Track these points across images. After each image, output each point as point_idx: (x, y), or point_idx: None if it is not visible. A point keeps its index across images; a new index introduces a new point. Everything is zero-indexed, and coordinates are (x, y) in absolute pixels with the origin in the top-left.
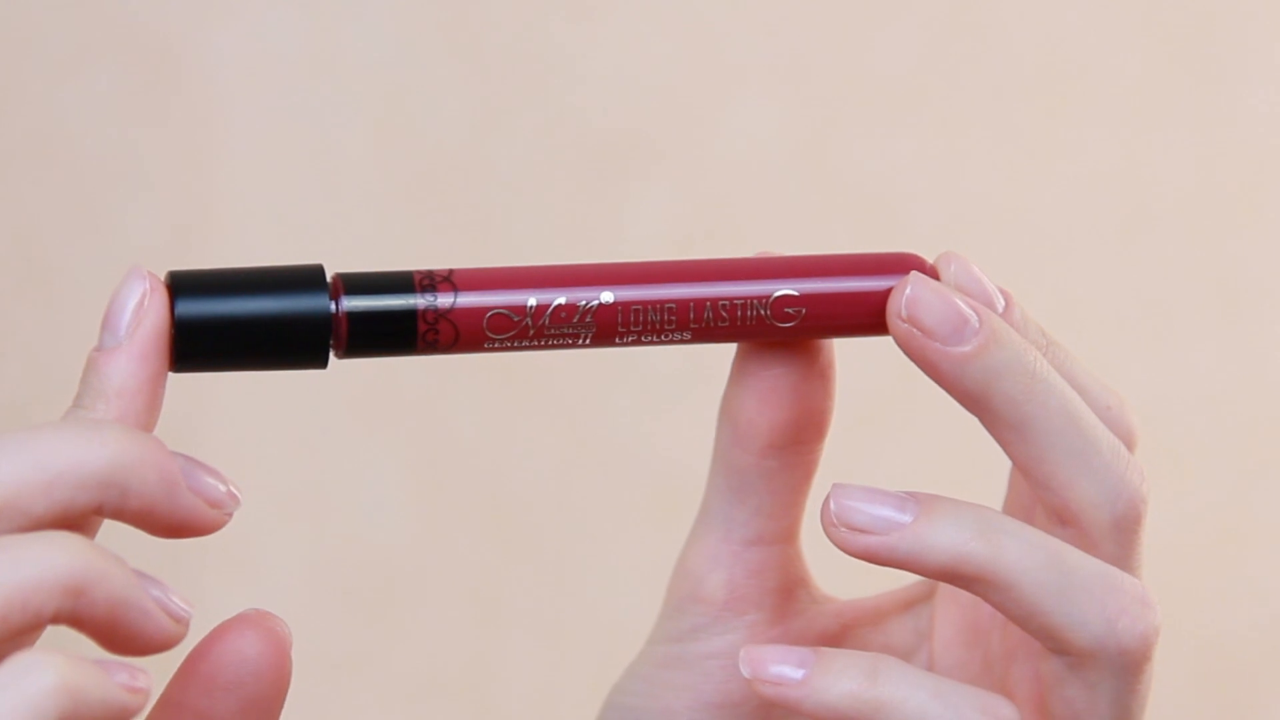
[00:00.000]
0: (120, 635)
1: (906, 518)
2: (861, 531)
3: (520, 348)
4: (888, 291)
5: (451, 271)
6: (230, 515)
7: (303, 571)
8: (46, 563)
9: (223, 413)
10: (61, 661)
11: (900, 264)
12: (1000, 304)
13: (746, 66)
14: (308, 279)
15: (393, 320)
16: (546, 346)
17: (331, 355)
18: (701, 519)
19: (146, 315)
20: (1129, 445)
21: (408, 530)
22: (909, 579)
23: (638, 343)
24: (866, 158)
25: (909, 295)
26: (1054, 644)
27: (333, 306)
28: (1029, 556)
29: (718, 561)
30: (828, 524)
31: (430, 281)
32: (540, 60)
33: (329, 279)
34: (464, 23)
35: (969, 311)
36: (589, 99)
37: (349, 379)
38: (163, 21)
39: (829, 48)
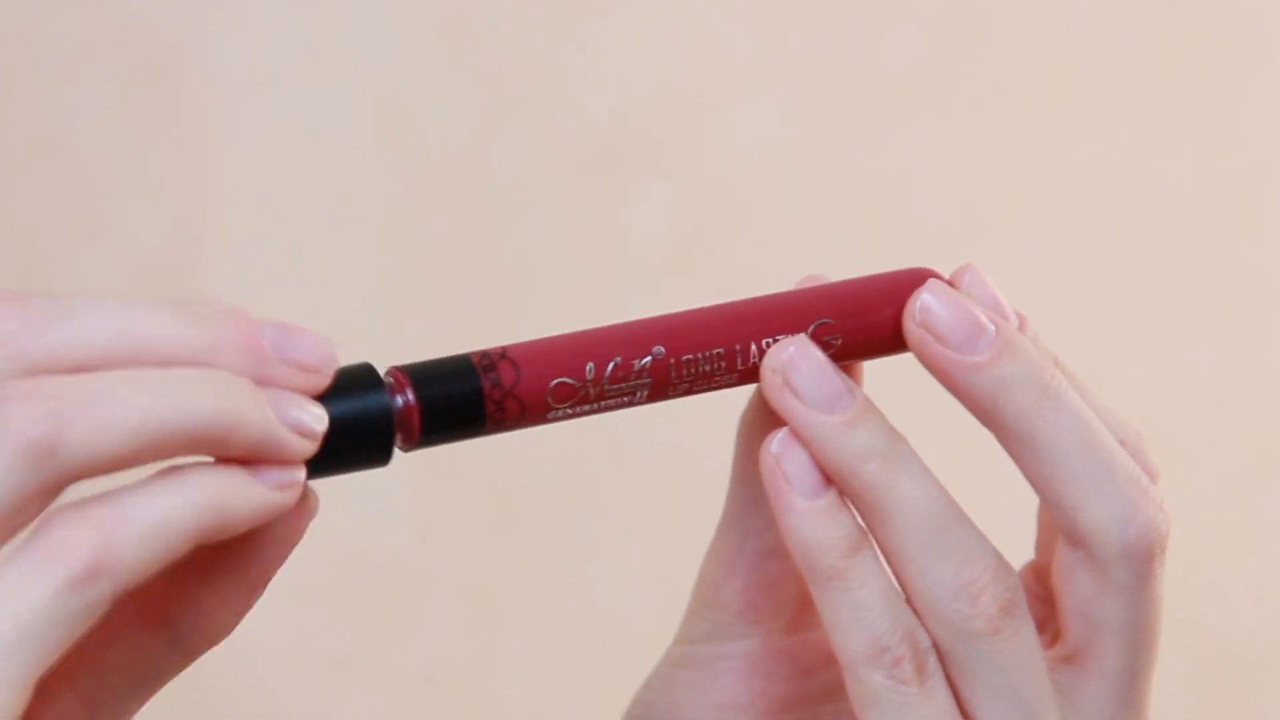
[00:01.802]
0: (256, 463)
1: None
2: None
3: (582, 413)
4: None
5: (505, 350)
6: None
7: (303, 571)
8: (191, 402)
9: None
10: (211, 473)
11: (919, 279)
12: (1014, 322)
13: (747, 67)
14: (363, 380)
15: (462, 408)
16: (605, 408)
17: (397, 450)
18: (721, 526)
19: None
20: (1151, 478)
21: (408, 530)
22: None
23: (690, 391)
24: (867, 157)
25: (924, 302)
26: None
27: (399, 401)
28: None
29: (734, 570)
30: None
31: (489, 362)
32: (540, 60)
33: (384, 375)
34: (464, 23)
35: (986, 321)
36: (589, 99)
37: None
38: (163, 22)
39: (830, 48)
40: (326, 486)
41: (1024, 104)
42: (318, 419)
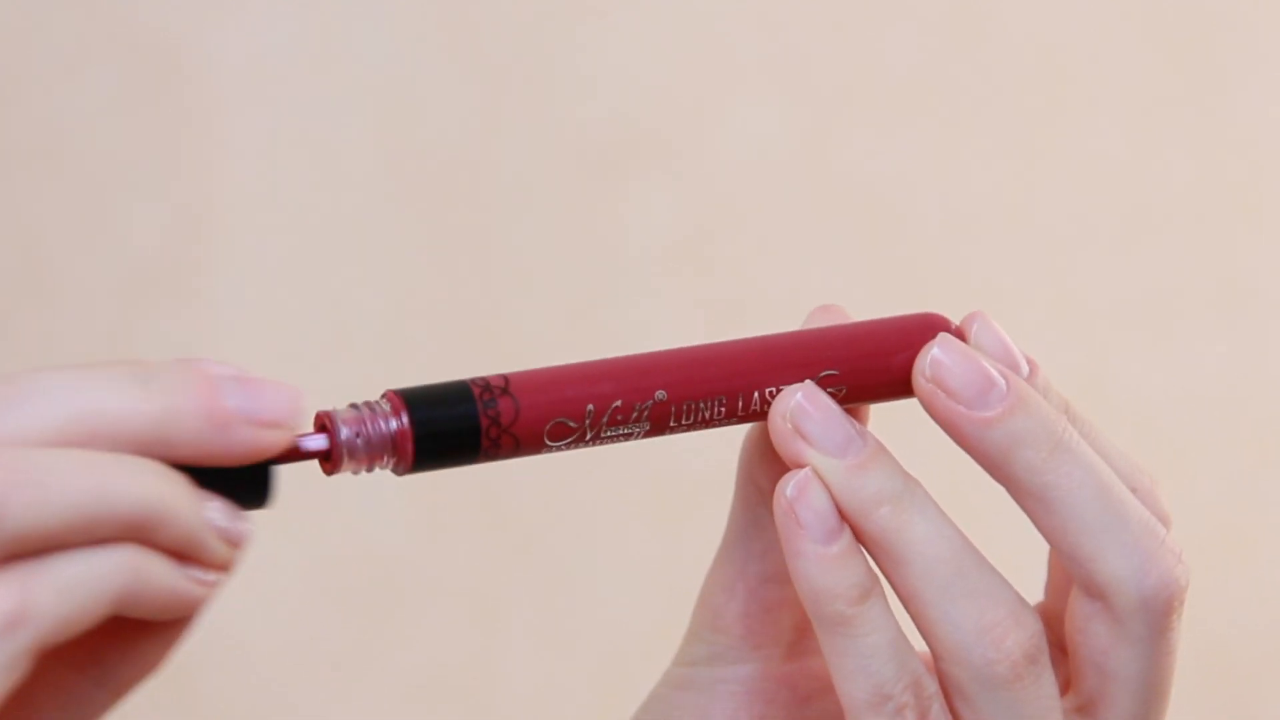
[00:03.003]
0: (181, 559)
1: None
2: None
3: (574, 449)
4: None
5: (508, 381)
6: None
7: (303, 572)
8: (123, 489)
9: None
10: (134, 550)
11: (927, 325)
12: (1025, 370)
13: (748, 66)
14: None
15: (456, 440)
16: (600, 444)
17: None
18: (722, 549)
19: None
20: (1164, 525)
21: (408, 530)
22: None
23: (687, 430)
24: (867, 157)
25: (933, 357)
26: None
27: (393, 425)
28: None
29: (734, 593)
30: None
31: (490, 396)
32: (541, 60)
33: (380, 397)
34: (464, 23)
35: (996, 376)
36: (590, 99)
37: (349, 379)
38: (164, 22)
39: (830, 48)
40: (326, 487)
41: (1024, 104)
42: (242, 532)
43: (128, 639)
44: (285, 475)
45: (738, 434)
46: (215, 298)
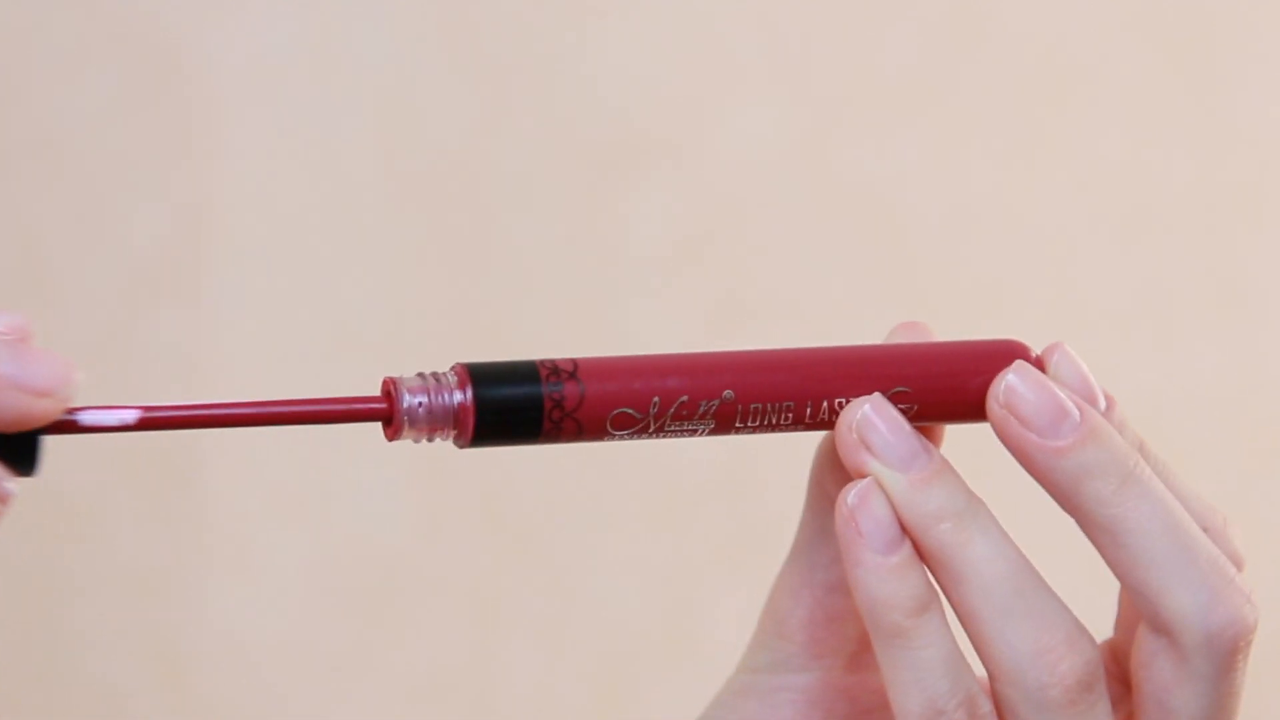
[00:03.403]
0: None
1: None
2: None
3: (635, 440)
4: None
5: (576, 366)
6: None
7: (303, 571)
8: None
9: None
10: None
11: (1006, 352)
12: (1102, 404)
13: (748, 67)
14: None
15: (519, 420)
16: (661, 437)
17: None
18: (790, 556)
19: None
20: (1236, 566)
21: (408, 530)
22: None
23: (752, 432)
24: (868, 158)
25: (1008, 383)
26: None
27: (456, 398)
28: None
29: (799, 601)
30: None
31: (556, 379)
32: (541, 60)
33: (449, 369)
34: (464, 23)
35: (1070, 406)
36: (590, 99)
37: (349, 379)
38: (163, 22)
39: (830, 48)
40: (326, 487)
41: (1024, 104)
42: (6, 492)
43: None
44: (285, 475)
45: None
46: (215, 298)
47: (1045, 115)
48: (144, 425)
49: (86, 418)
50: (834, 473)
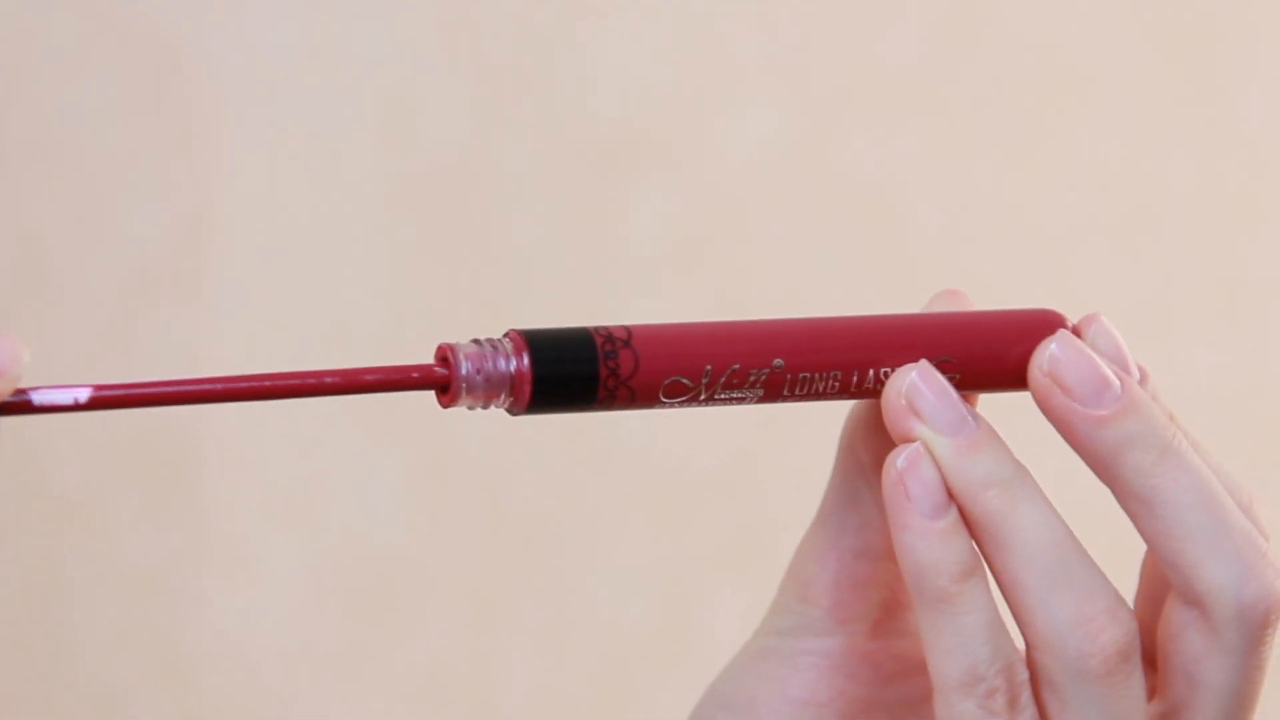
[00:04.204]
0: None
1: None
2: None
3: (686, 408)
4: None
5: (630, 333)
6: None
7: (303, 571)
8: None
9: (224, 413)
10: None
11: (1045, 322)
12: (1136, 376)
13: (748, 66)
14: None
15: (574, 388)
16: (710, 407)
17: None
18: (817, 520)
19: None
20: (1265, 539)
21: (408, 530)
22: None
23: (796, 400)
24: (867, 158)
25: (1053, 352)
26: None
27: (512, 365)
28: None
29: (825, 565)
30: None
31: (612, 347)
32: (541, 60)
33: (502, 336)
34: (464, 23)
35: (1112, 376)
36: (590, 99)
37: None
38: (164, 22)
39: (830, 48)
40: (326, 487)
41: (1024, 104)
42: None
43: None
44: (285, 475)
45: (739, 436)
46: (215, 298)
47: (1045, 115)
48: (96, 404)
49: (39, 397)
50: (867, 439)
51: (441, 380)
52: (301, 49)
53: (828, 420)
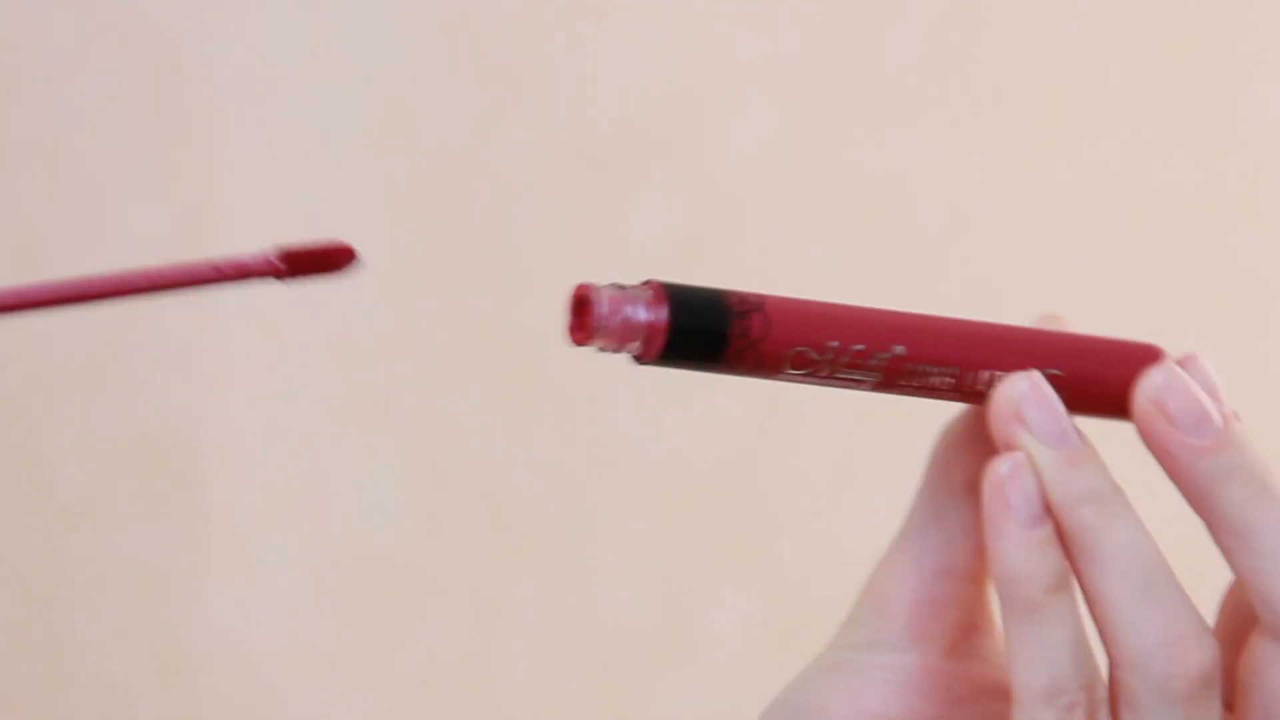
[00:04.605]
0: None
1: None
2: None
3: (804, 382)
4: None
5: (764, 301)
6: None
7: (303, 571)
8: None
9: (224, 413)
10: None
11: (1149, 353)
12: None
13: (748, 66)
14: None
15: (705, 344)
16: (828, 384)
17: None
18: (900, 536)
19: None
20: None
21: (408, 530)
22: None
23: (910, 393)
24: (867, 158)
25: (1160, 381)
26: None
27: (649, 315)
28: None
29: (905, 583)
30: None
31: (745, 309)
32: (541, 60)
33: (641, 284)
34: (464, 23)
35: (1213, 410)
36: (590, 99)
37: (349, 379)
38: (164, 22)
39: (830, 48)
40: (326, 487)
41: (1024, 104)
42: None
43: None
44: (285, 475)
45: (739, 436)
46: (215, 297)
47: (1045, 115)
48: None
49: None
50: (963, 456)
51: (585, 311)
52: (301, 49)
53: (828, 420)
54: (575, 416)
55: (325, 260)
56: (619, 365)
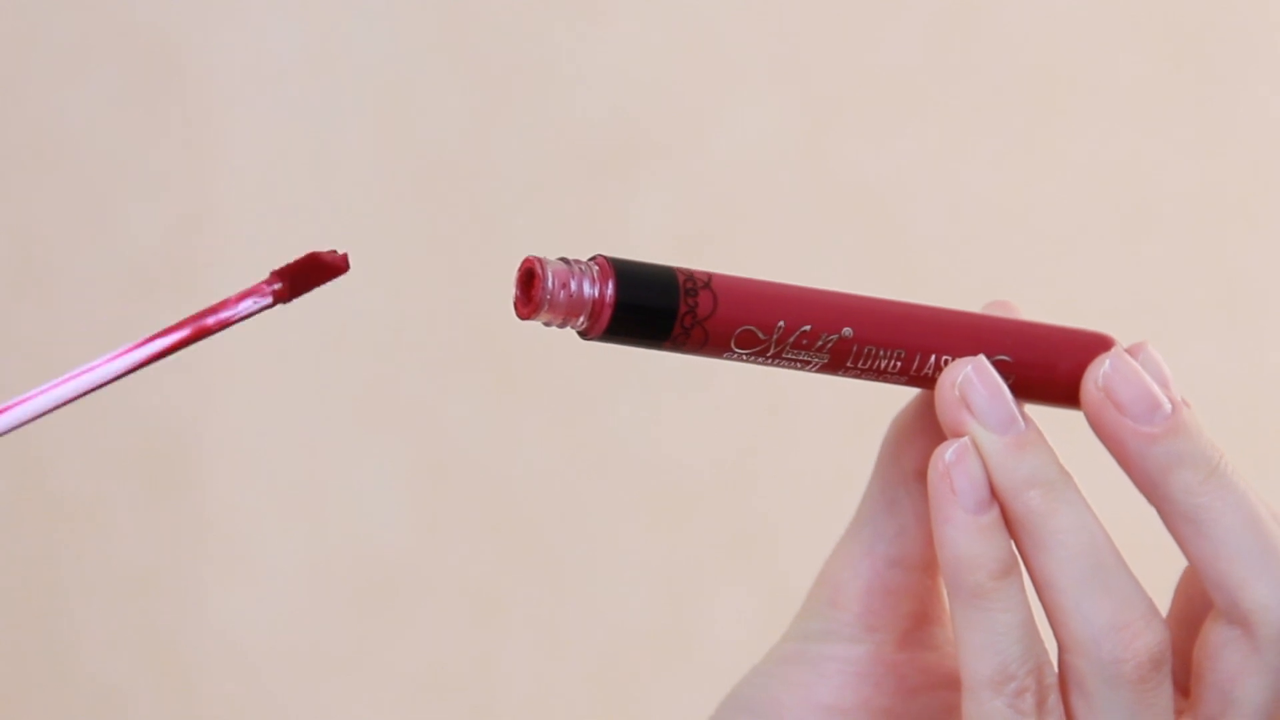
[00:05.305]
0: None
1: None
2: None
3: (751, 362)
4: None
5: (711, 278)
6: None
7: (303, 571)
8: None
9: (224, 413)
10: None
11: (1099, 342)
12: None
13: (747, 66)
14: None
15: (652, 320)
16: (775, 365)
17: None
18: (852, 526)
19: None
20: None
21: (408, 530)
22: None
23: (859, 376)
24: (867, 158)
25: (1108, 369)
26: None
27: (595, 291)
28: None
29: (857, 573)
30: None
31: (692, 285)
32: (540, 60)
33: (589, 259)
34: (464, 23)
35: (1163, 397)
36: (589, 98)
37: (349, 379)
38: (164, 21)
39: (830, 48)
40: (326, 487)
41: (1023, 104)
42: None
43: None
44: (285, 475)
45: (739, 436)
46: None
47: (1045, 115)
48: None
49: None
50: (912, 446)
51: (530, 285)
52: (301, 49)
53: (827, 421)
54: (575, 417)
55: (319, 270)
56: (619, 365)
